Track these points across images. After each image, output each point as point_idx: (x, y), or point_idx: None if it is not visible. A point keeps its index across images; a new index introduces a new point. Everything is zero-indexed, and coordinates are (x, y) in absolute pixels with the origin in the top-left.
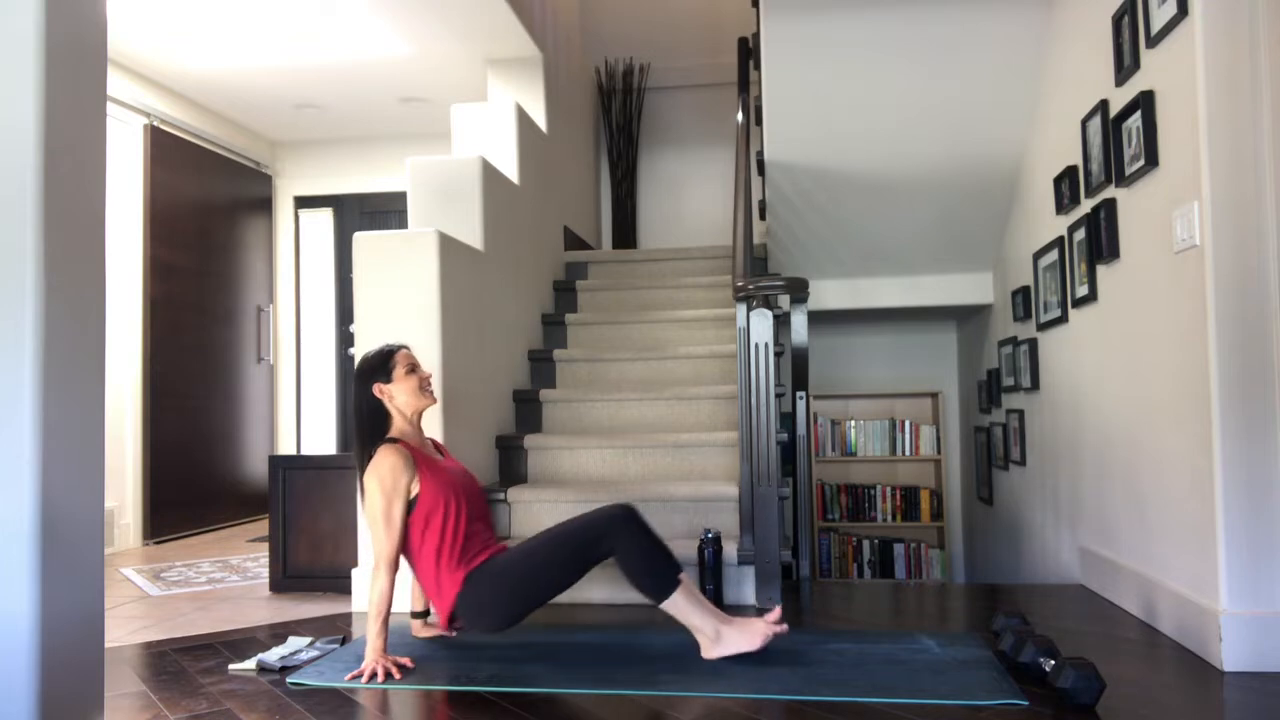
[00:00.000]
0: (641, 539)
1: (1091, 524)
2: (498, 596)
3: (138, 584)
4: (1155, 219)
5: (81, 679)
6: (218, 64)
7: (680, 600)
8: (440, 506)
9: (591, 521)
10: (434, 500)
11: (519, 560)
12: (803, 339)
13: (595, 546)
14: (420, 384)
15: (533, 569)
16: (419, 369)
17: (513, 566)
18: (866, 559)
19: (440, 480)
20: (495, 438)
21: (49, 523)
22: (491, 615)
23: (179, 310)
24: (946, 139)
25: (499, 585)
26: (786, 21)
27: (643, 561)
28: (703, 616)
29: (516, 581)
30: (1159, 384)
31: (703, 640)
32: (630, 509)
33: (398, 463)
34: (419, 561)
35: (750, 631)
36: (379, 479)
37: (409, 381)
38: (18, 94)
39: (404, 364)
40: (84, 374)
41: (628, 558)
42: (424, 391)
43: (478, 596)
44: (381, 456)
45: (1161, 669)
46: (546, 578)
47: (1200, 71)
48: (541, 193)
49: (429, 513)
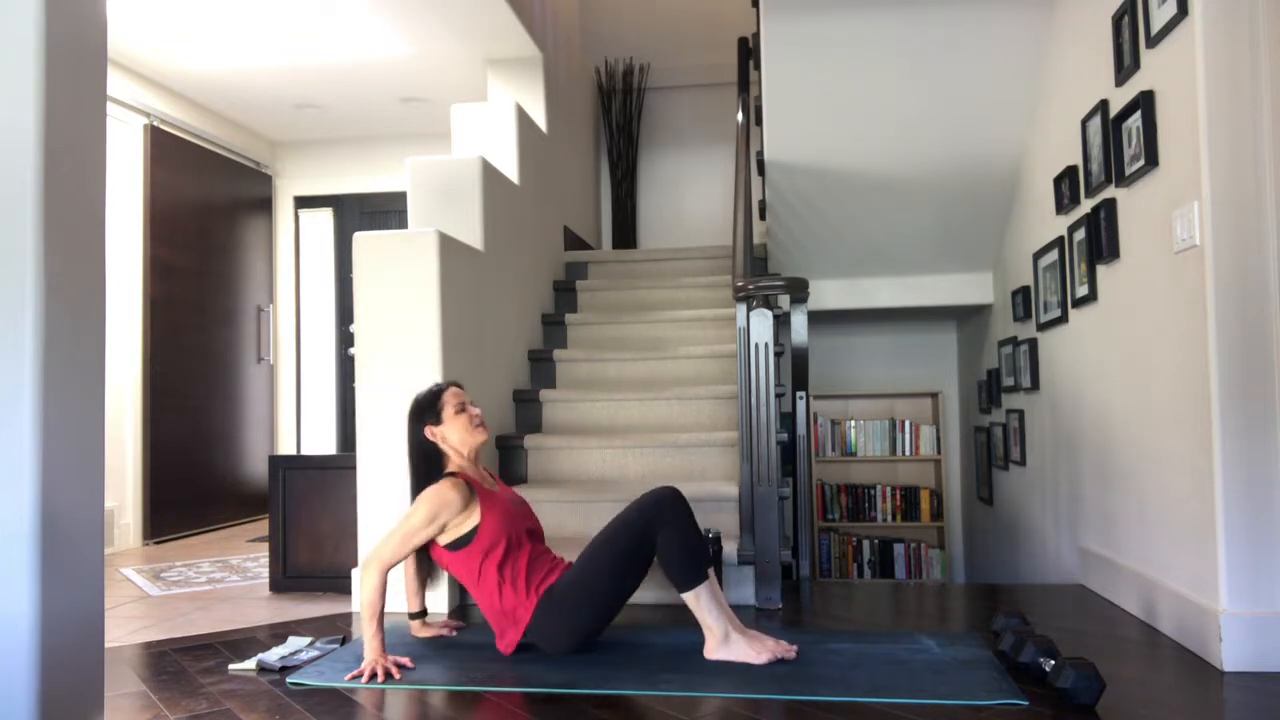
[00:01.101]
0: (686, 523)
1: (1091, 524)
2: (572, 614)
3: (138, 584)
4: (1155, 219)
5: (81, 679)
6: (218, 64)
7: (704, 594)
8: (503, 540)
9: (641, 508)
10: (496, 534)
11: (583, 571)
12: (803, 339)
13: (650, 527)
14: (470, 421)
15: (597, 576)
16: (468, 406)
17: (580, 578)
18: (866, 559)
19: (501, 513)
20: (495, 437)
21: (49, 523)
22: (568, 634)
23: (179, 310)
24: (947, 139)
25: (570, 603)
26: (786, 21)
27: (681, 546)
28: (718, 618)
29: (586, 593)
30: (1159, 384)
31: (710, 639)
32: (677, 491)
33: (454, 501)
34: (480, 593)
35: (759, 646)
36: (429, 504)
37: (459, 420)
38: (18, 94)
39: (453, 404)
40: (84, 374)
41: (668, 540)
42: (476, 428)
43: (551, 619)
44: (445, 487)
45: (1161, 669)
46: (612, 582)
47: (1200, 71)
48: (541, 193)
49: (490, 547)
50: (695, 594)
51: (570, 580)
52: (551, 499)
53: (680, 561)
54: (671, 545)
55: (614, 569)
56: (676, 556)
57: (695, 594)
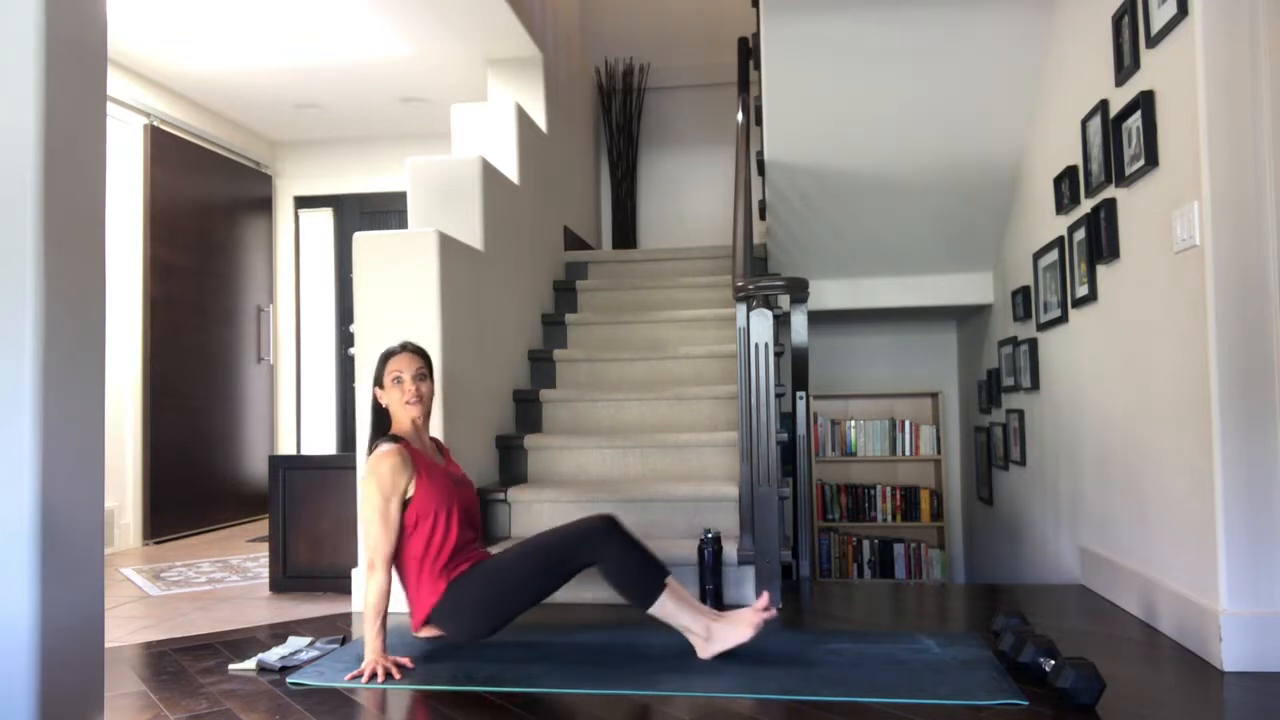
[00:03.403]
0: (622, 549)
1: (1091, 524)
2: (476, 606)
3: (138, 584)
4: (1155, 219)
5: (81, 679)
6: (218, 64)
7: (668, 604)
8: (431, 514)
9: (570, 535)
10: (426, 506)
11: (498, 571)
12: (803, 339)
13: (573, 559)
14: (403, 396)
15: (511, 580)
16: (405, 382)
17: (492, 577)
18: (866, 559)
19: (437, 487)
20: (495, 437)
21: (49, 523)
22: (470, 624)
23: (179, 310)
24: (947, 139)
25: (477, 595)
26: (786, 21)
27: (625, 570)
28: (692, 616)
29: (495, 592)
30: (1159, 384)
31: (696, 640)
32: (610, 520)
33: (396, 464)
34: (400, 561)
35: (740, 623)
36: (377, 479)
37: (393, 392)
38: (18, 94)
39: (391, 372)
40: (84, 374)
41: (610, 568)
42: (407, 404)
43: (456, 605)
44: (381, 457)
45: (1161, 669)
46: (524, 589)
47: (1200, 71)
48: (541, 193)
49: (419, 517)
50: (659, 606)
51: (480, 575)
52: (551, 499)
53: (633, 584)
54: (617, 572)
55: (524, 580)
56: (627, 580)
57: (659, 606)
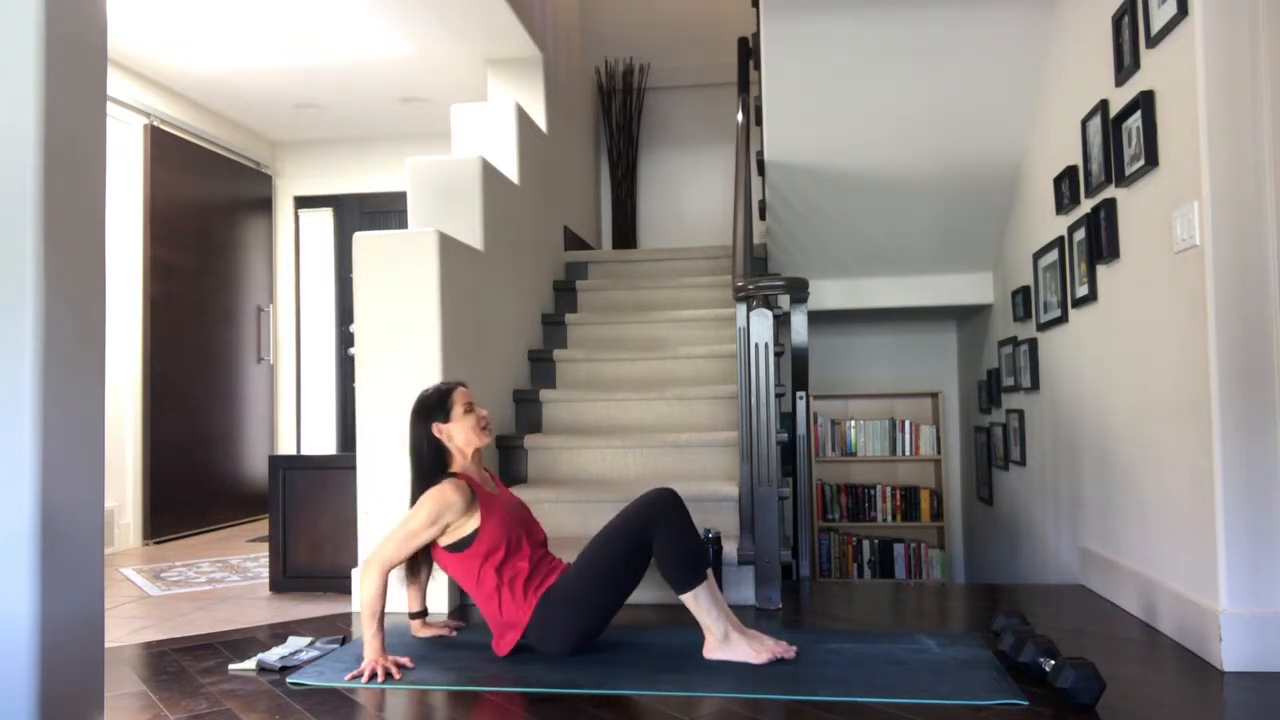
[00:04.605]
0: (682, 524)
1: (1091, 524)
2: (569, 617)
3: (138, 584)
4: (1155, 219)
5: (81, 679)
6: (218, 64)
7: (703, 595)
8: (503, 544)
9: (637, 508)
10: (497, 538)
11: (581, 572)
12: (803, 339)
13: (646, 530)
14: (478, 423)
15: (595, 579)
16: (476, 408)
17: (577, 581)
18: (866, 559)
19: (502, 517)
20: (495, 438)
21: (49, 523)
22: (565, 637)
23: (179, 310)
24: (947, 139)
25: (568, 604)
26: (786, 21)
27: (679, 547)
28: (718, 618)
29: (584, 594)
30: (1159, 384)
31: (710, 639)
32: (673, 492)
33: (459, 503)
34: (479, 596)
35: (759, 646)
36: (437, 505)
37: (467, 421)
38: (18, 94)
39: (462, 403)
40: (84, 374)
41: (665, 541)
42: (482, 430)
43: (553, 618)
44: (449, 489)
45: (1161, 669)
46: (610, 584)
47: (1200, 71)
48: (541, 193)
49: (490, 550)
50: (694, 595)
51: (568, 583)
52: (551, 499)
53: (678, 563)
54: (668, 547)
55: (611, 571)
56: (674, 558)
57: (694, 595)
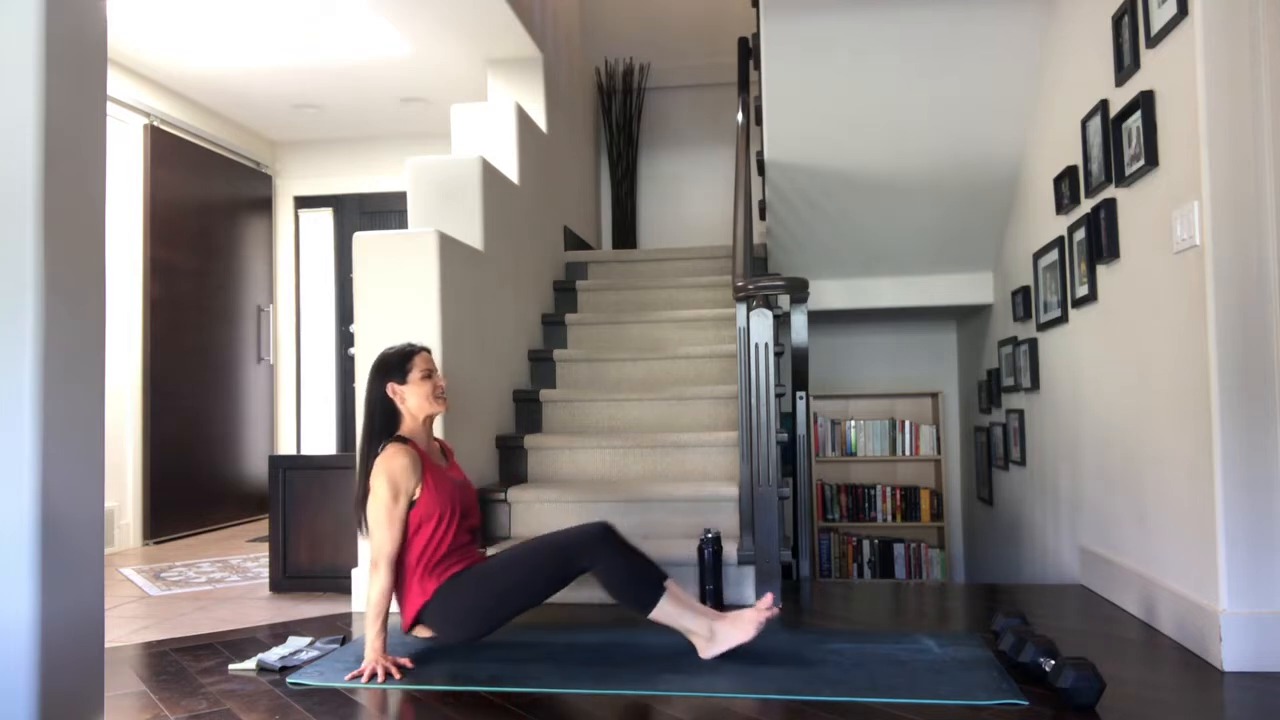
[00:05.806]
0: (620, 556)
1: (1091, 524)
2: (468, 608)
3: (138, 584)
4: (1155, 219)
5: (81, 679)
6: (218, 64)
7: (668, 608)
8: (434, 517)
9: (567, 541)
10: (430, 509)
11: (493, 574)
12: (803, 339)
13: (569, 566)
14: (433, 390)
15: (506, 584)
16: (435, 376)
17: (486, 580)
18: (866, 559)
19: (441, 490)
20: (495, 438)
21: (49, 523)
22: (461, 625)
23: (179, 310)
24: (947, 139)
25: (470, 597)
26: (786, 21)
27: (624, 577)
28: (694, 618)
29: (488, 594)
30: (1159, 384)
31: (698, 641)
32: (606, 527)
33: (407, 464)
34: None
35: (742, 623)
36: (389, 476)
37: (423, 386)
38: (18, 94)
39: (421, 368)
40: (84, 374)
41: (608, 577)
42: (436, 399)
43: (448, 606)
44: (392, 455)
45: (1161, 669)
46: (518, 593)
47: (1200, 71)
48: (541, 193)
49: (421, 520)
50: (660, 611)
51: (480, 574)
52: (551, 499)
53: (632, 589)
54: (616, 577)
55: (528, 580)
56: (626, 588)
57: (660, 611)
